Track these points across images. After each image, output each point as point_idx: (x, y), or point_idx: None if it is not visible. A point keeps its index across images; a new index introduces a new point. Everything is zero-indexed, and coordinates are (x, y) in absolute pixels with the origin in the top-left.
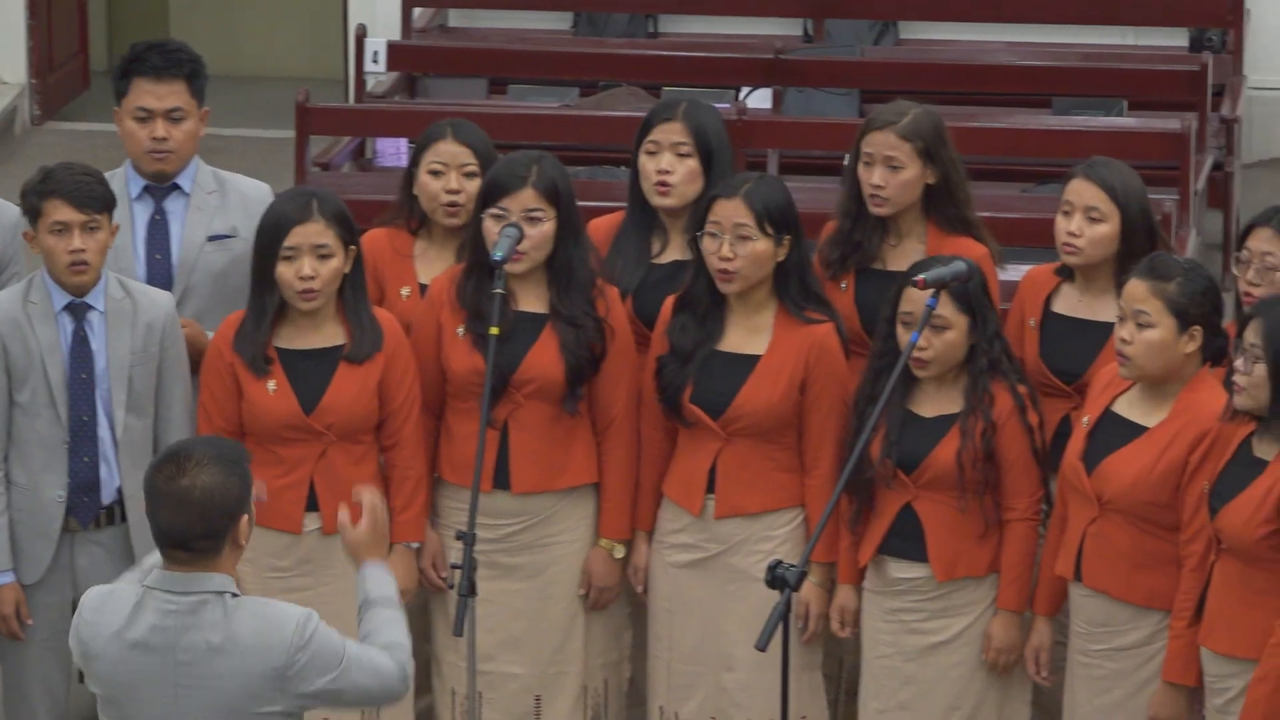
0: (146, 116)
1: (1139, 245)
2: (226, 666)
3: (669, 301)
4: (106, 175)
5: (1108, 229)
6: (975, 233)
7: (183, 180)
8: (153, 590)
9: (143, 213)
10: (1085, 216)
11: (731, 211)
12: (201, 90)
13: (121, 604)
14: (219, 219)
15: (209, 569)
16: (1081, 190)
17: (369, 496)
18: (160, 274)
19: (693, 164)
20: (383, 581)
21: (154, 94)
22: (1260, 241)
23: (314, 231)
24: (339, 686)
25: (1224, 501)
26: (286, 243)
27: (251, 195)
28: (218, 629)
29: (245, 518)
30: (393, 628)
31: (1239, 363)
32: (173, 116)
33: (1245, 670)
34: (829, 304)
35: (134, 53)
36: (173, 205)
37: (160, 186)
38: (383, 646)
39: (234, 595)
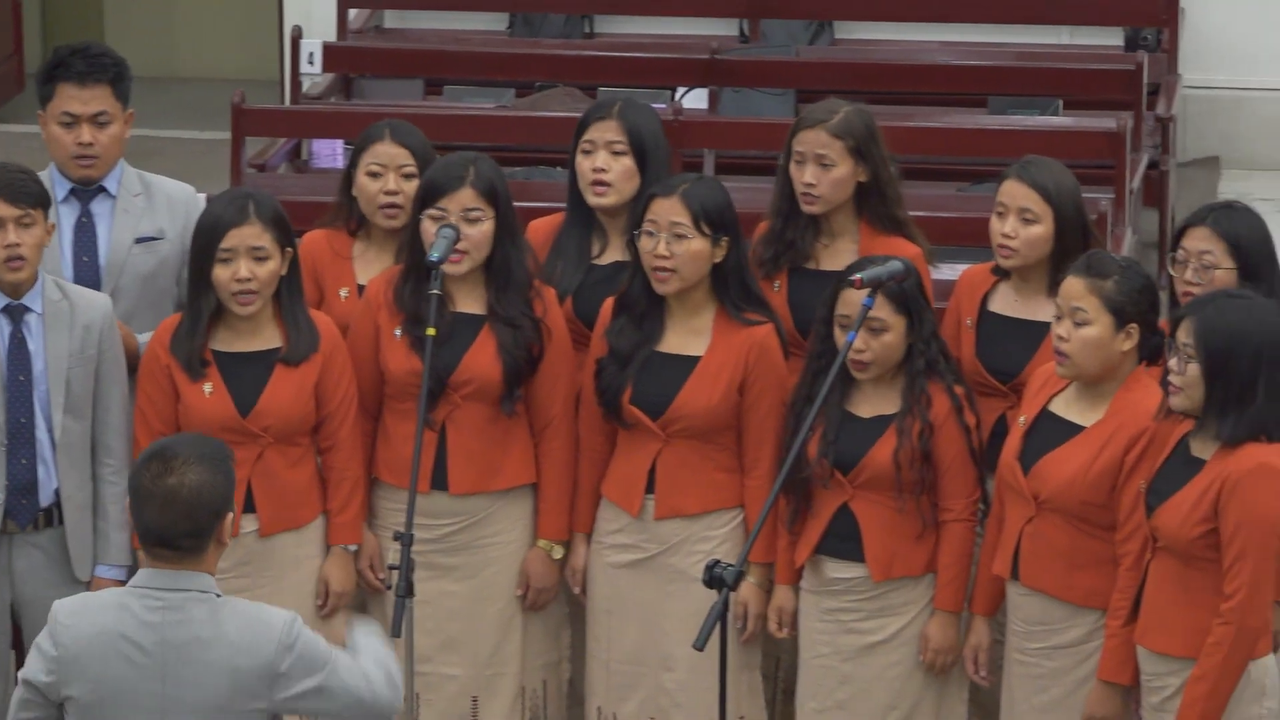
0: (72, 121)
1: (1073, 245)
2: (215, 664)
3: (608, 303)
4: None
5: (1042, 230)
6: (907, 232)
7: (108, 183)
8: (137, 589)
9: (69, 215)
10: (1019, 217)
11: (668, 210)
12: (126, 93)
13: (103, 605)
14: (146, 221)
15: (193, 568)
16: (1015, 191)
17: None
18: (88, 276)
19: (628, 162)
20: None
21: (79, 99)
22: (1196, 240)
23: (250, 234)
24: (325, 687)
25: (1161, 500)
26: (223, 245)
27: (177, 196)
28: (205, 627)
29: (230, 516)
30: (375, 641)
31: (1173, 363)
32: (98, 121)
33: (1182, 669)
34: (768, 305)
35: (57, 57)
36: (99, 208)
37: (86, 189)
38: (369, 657)
39: (217, 595)
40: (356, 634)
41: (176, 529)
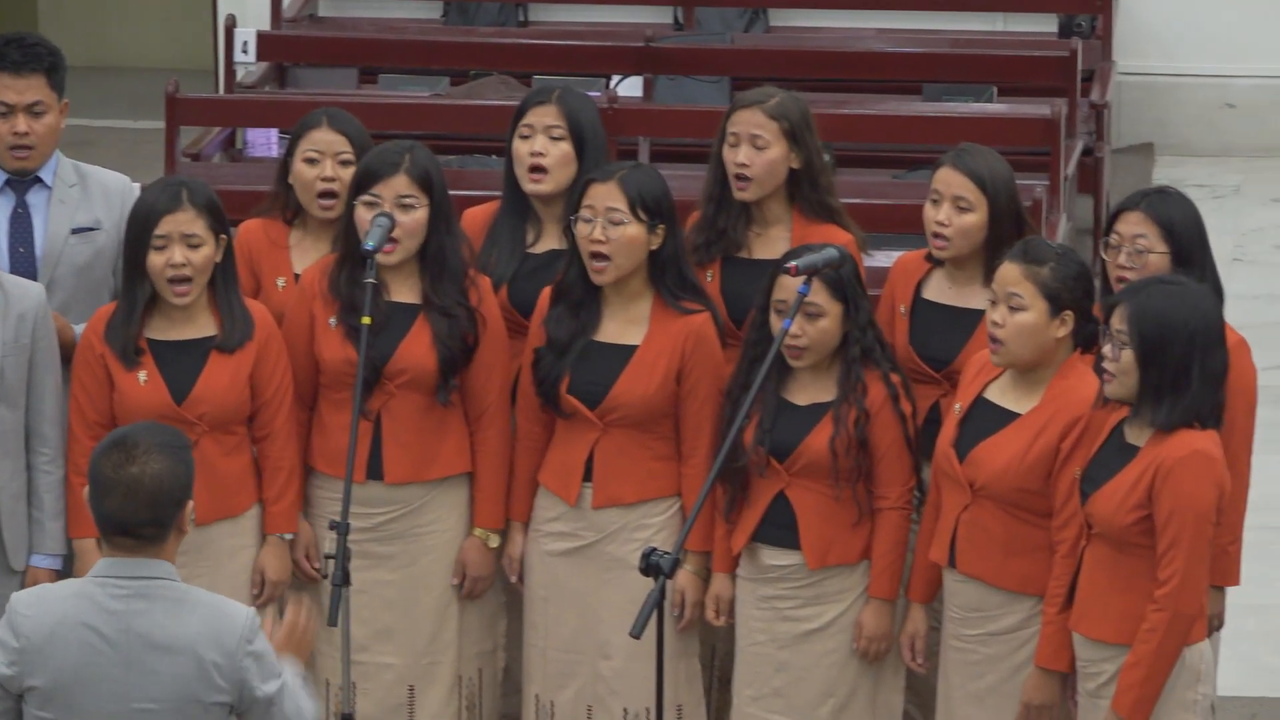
0: (7, 111)
1: (1007, 233)
2: (177, 651)
3: (546, 292)
4: None
5: (975, 218)
6: (840, 220)
7: (44, 173)
8: (98, 578)
9: (4, 206)
10: (953, 206)
11: (605, 195)
12: (61, 83)
13: (63, 594)
14: (82, 211)
15: (154, 555)
16: (949, 179)
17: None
18: (24, 267)
19: (566, 148)
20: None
21: (14, 89)
22: (1130, 225)
23: (184, 220)
24: (281, 699)
25: (1095, 487)
26: (157, 232)
27: (113, 187)
28: (169, 615)
29: (190, 504)
30: (297, 678)
31: (1107, 349)
32: (34, 111)
33: (1117, 655)
34: (705, 294)
35: None
36: (35, 198)
37: (22, 180)
38: (299, 688)
39: (179, 583)
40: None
41: (138, 518)
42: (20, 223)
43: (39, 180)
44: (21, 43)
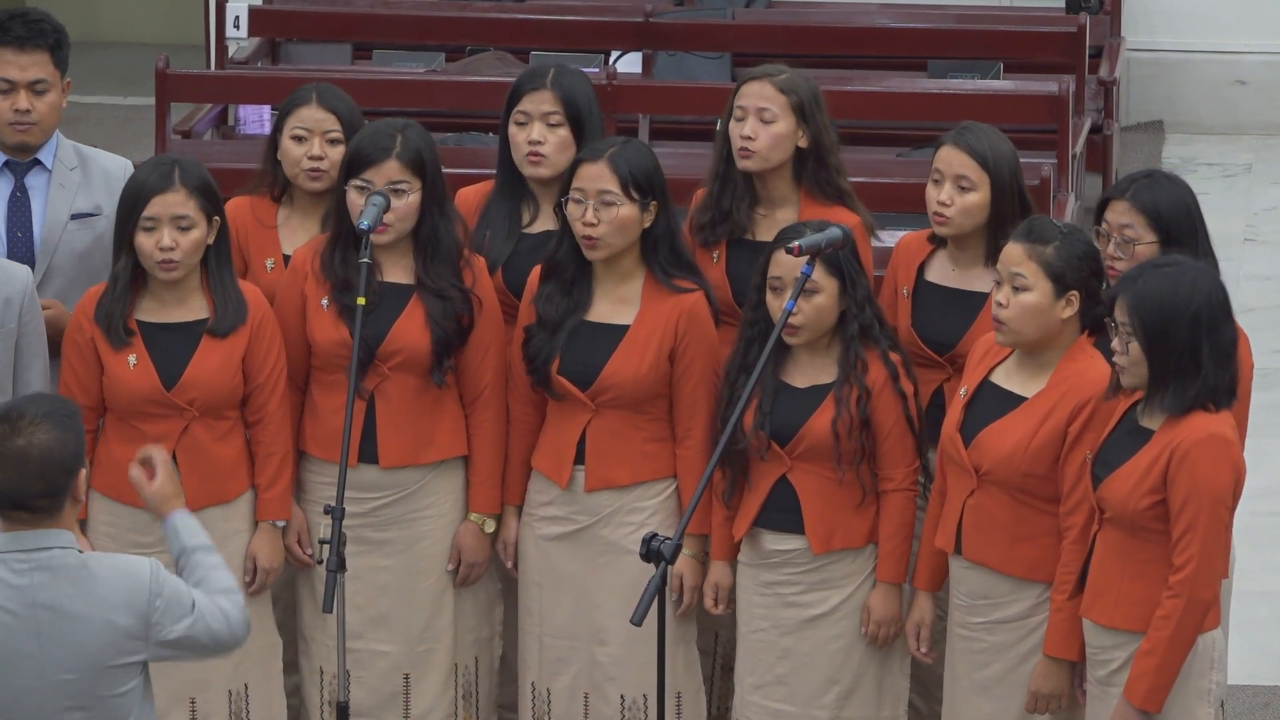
0: (9, 88)
1: (1009, 212)
2: (89, 620)
3: (536, 270)
4: None
5: (978, 197)
6: (848, 202)
7: (44, 155)
8: None
9: (3, 189)
10: (955, 185)
11: (596, 176)
12: (65, 61)
13: None
14: (82, 196)
15: (52, 526)
16: (951, 158)
17: (156, 452)
18: (22, 252)
19: (564, 134)
20: (194, 530)
21: (17, 64)
22: (1117, 214)
23: (174, 201)
24: (194, 632)
25: (1108, 471)
26: (146, 213)
27: (114, 172)
28: (74, 583)
29: (83, 472)
30: (221, 573)
31: (1115, 343)
32: (36, 88)
33: (1129, 642)
34: (699, 271)
35: None
36: (34, 181)
37: (21, 162)
38: (220, 592)
39: (79, 551)
40: (194, 554)
41: (31, 489)
42: (19, 206)
43: (38, 163)
44: (25, 18)
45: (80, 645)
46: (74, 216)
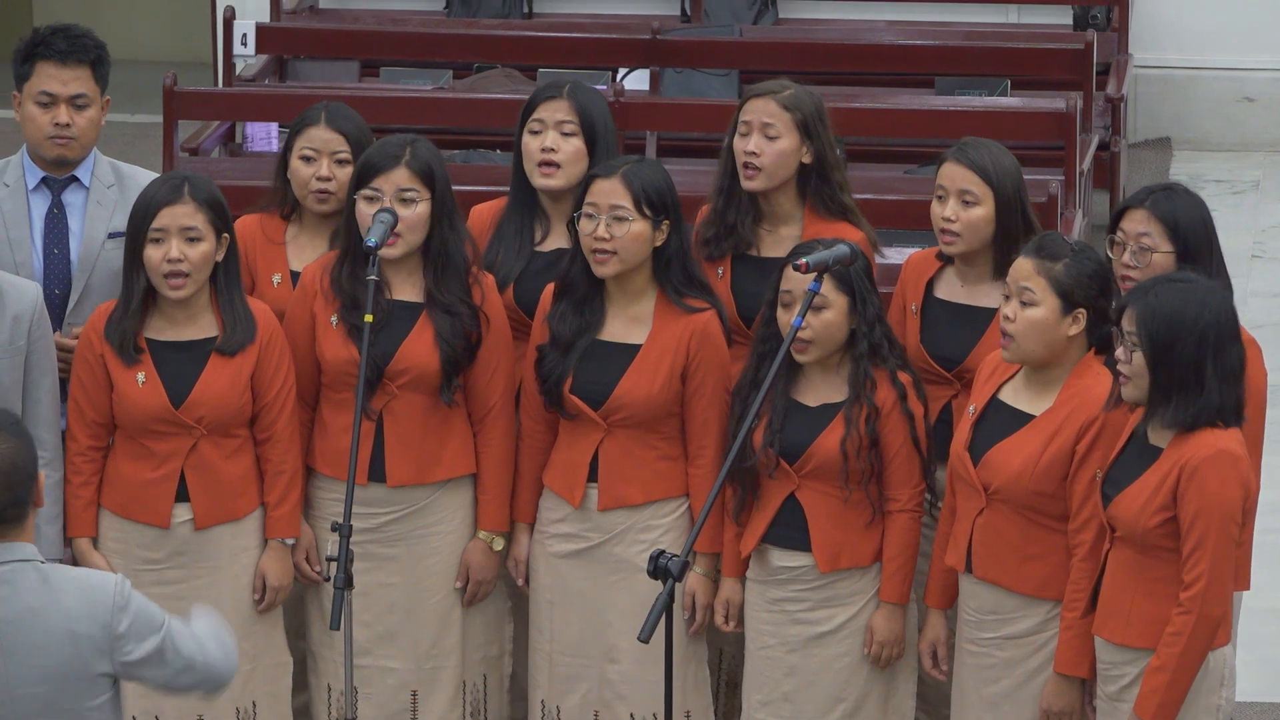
0: (50, 102)
1: (1013, 226)
2: (52, 632)
3: (549, 288)
4: None
5: (983, 211)
6: (853, 218)
7: (81, 172)
8: None
9: (40, 205)
10: (959, 200)
11: (609, 192)
12: (105, 77)
13: None
14: (119, 215)
15: (16, 538)
16: (953, 174)
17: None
18: (59, 270)
19: (578, 143)
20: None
21: (58, 79)
22: (1135, 223)
23: (183, 214)
24: (162, 650)
25: (1118, 490)
26: (154, 224)
27: None
28: (37, 595)
29: (41, 475)
30: (212, 619)
31: (1119, 352)
32: (76, 103)
33: (1139, 658)
34: (711, 290)
35: (38, 36)
36: (71, 198)
37: (58, 179)
38: (205, 628)
39: (42, 561)
40: (192, 614)
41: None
42: (55, 224)
43: (75, 179)
44: (68, 33)
45: (44, 657)
46: (111, 235)
